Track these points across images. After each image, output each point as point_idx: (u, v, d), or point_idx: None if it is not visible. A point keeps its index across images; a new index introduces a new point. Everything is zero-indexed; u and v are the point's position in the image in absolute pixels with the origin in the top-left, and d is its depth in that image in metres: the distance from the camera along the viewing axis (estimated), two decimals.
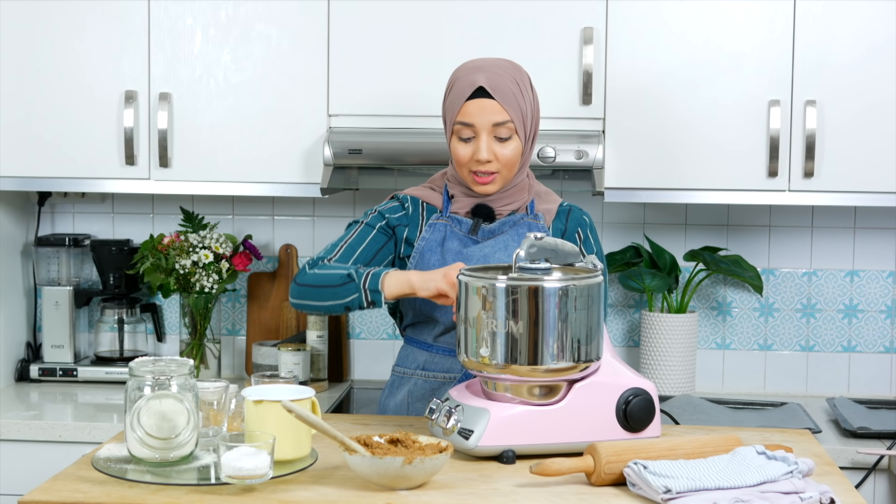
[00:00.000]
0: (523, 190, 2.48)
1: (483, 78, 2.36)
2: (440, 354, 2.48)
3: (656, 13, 2.98)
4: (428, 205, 2.51)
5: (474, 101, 2.36)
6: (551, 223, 2.50)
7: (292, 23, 3.05)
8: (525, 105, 2.38)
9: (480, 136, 2.36)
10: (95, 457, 2.01)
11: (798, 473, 1.93)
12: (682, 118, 2.99)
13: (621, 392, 2.15)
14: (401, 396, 2.52)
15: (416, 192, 2.54)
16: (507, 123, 2.36)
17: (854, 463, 2.74)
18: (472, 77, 2.37)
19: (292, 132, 3.06)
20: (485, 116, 2.35)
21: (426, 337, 2.49)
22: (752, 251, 3.36)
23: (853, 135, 2.96)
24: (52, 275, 3.39)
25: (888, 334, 3.35)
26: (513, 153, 2.38)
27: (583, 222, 2.53)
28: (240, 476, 1.86)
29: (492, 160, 2.37)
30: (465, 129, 2.38)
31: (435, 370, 2.48)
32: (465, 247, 2.44)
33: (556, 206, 2.53)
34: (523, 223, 2.46)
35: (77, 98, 3.10)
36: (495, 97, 2.35)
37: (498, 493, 1.92)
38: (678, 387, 3.23)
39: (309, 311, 2.44)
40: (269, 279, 3.44)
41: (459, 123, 2.38)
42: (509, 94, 2.36)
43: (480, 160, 2.37)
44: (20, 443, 2.92)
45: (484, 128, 2.36)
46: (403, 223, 2.49)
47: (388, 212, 2.51)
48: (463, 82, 2.38)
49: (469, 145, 2.38)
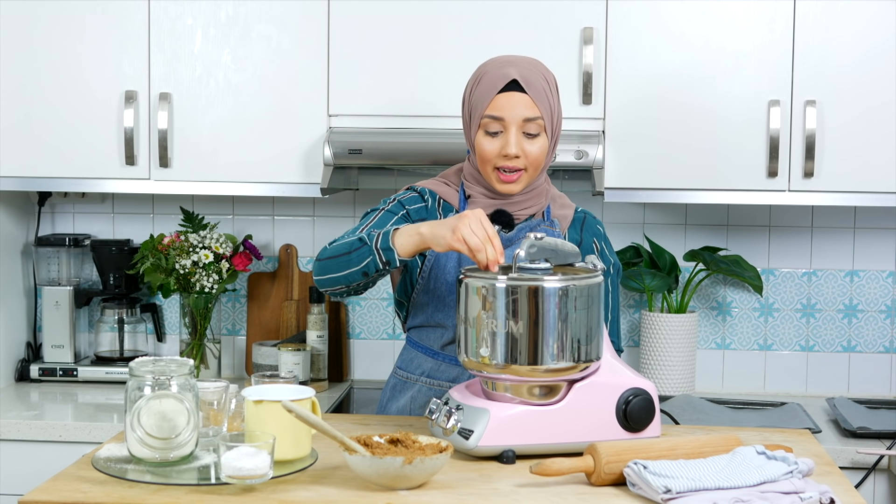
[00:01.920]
0: (542, 194, 2.42)
1: (516, 72, 2.30)
2: (446, 363, 2.44)
3: (656, 13, 2.98)
4: (445, 202, 2.43)
5: (505, 95, 2.29)
6: (567, 230, 2.45)
7: (292, 23, 3.05)
8: (554, 104, 2.33)
9: (509, 130, 2.29)
10: (95, 457, 2.01)
11: (798, 473, 1.93)
12: (682, 118, 2.99)
13: (621, 392, 2.15)
14: (403, 401, 2.49)
15: (432, 185, 2.45)
16: (538, 120, 2.29)
17: (854, 463, 2.74)
18: (505, 70, 2.30)
19: (292, 132, 3.06)
20: (516, 110, 2.28)
21: (432, 343, 2.45)
22: (752, 251, 3.36)
23: (853, 135, 2.96)
24: (52, 275, 3.39)
25: (888, 334, 3.35)
26: (540, 151, 2.31)
27: (598, 232, 2.49)
28: (240, 476, 1.86)
29: (520, 156, 2.30)
30: (494, 123, 2.30)
31: (441, 378, 2.44)
32: None
33: (572, 213, 2.47)
34: (539, 230, 2.39)
35: (77, 98, 3.10)
36: (528, 92, 2.29)
37: (498, 493, 1.92)
38: (678, 387, 3.23)
39: (332, 286, 2.28)
40: (269, 279, 3.44)
41: (489, 117, 2.30)
42: (541, 90, 2.30)
43: (509, 155, 2.29)
44: (20, 443, 2.92)
45: (514, 122, 2.29)
46: (422, 216, 2.40)
47: (408, 202, 2.41)
48: (494, 75, 2.31)
49: (496, 140, 2.31)
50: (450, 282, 2.38)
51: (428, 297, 2.42)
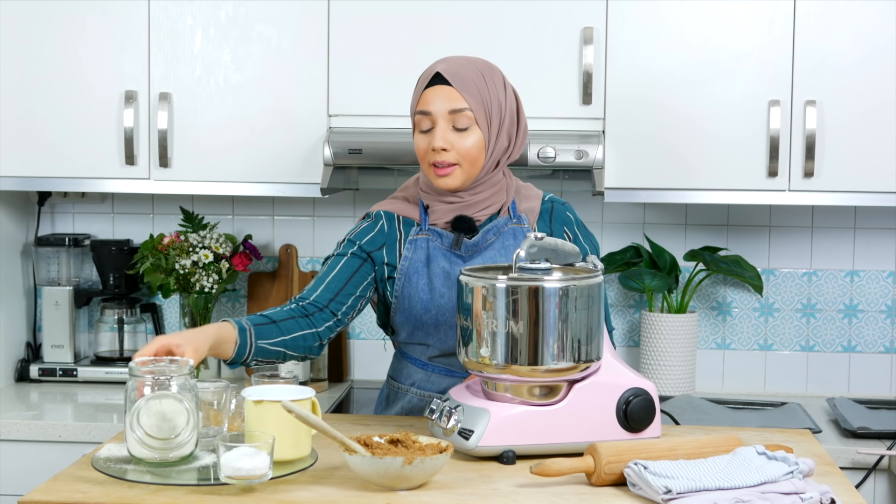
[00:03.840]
0: (500, 191, 2.37)
1: (442, 66, 2.29)
2: (436, 374, 2.43)
3: (656, 13, 2.98)
4: (405, 218, 2.41)
5: (431, 89, 2.28)
6: (535, 224, 2.41)
7: (292, 23, 3.05)
8: (489, 96, 2.28)
9: (438, 124, 2.27)
10: (95, 457, 2.01)
11: (798, 474, 1.93)
12: (682, 118, 2.99)
13: (621, 392, 2.15)
14: (394, 412, 2.48)
15: (389, 206, 2.43)
16: (465, 111, 2.26)
17: (854, 463, 2.74)
18: (433, 67, 2.31)
19: (292, 132, 3.06)
20: (440, 103, 2.27)
21: (420, 355, 2.44)
22: (752, 251, 3.36)
23: (853, 135, 2.96)
24: (52, 275, 3.39)
25: (888, 334, 3.35)
26: (473, 145, 2.28)
27: (567, 219, 2.45)
28: (239, 476, 1.86)
29: (448, 149, 2.27)
30: (424, 119, 2.29)
31: (430, 389, 2.43)
32: (452, 265, 2.35)
33: (539, 204, 2.43)
34: (507, 230, 2.37)
35: (77, 98, 3.10)
36: (452, 83, 2.26)
37: (498, 493, 1.92)
38: (678, 387, 3.23)
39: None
40: (269, 279, 3.44)
41: (419, 113, 2.29)
42: (469, 81, 2.27)
43: (436, 148, 2.26)
44: (20, 443, 2.92)
45: (440, 115, 2.27)
46: (378, 244, 2.39)
47: (359, 236, 2.39)
48: (424, 73, 2.33)
49: (427, 136, 2.29)
50: (424, 300, 2.36)
51: (404, 317, 2.39)
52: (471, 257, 2.36)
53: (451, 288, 2.34)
